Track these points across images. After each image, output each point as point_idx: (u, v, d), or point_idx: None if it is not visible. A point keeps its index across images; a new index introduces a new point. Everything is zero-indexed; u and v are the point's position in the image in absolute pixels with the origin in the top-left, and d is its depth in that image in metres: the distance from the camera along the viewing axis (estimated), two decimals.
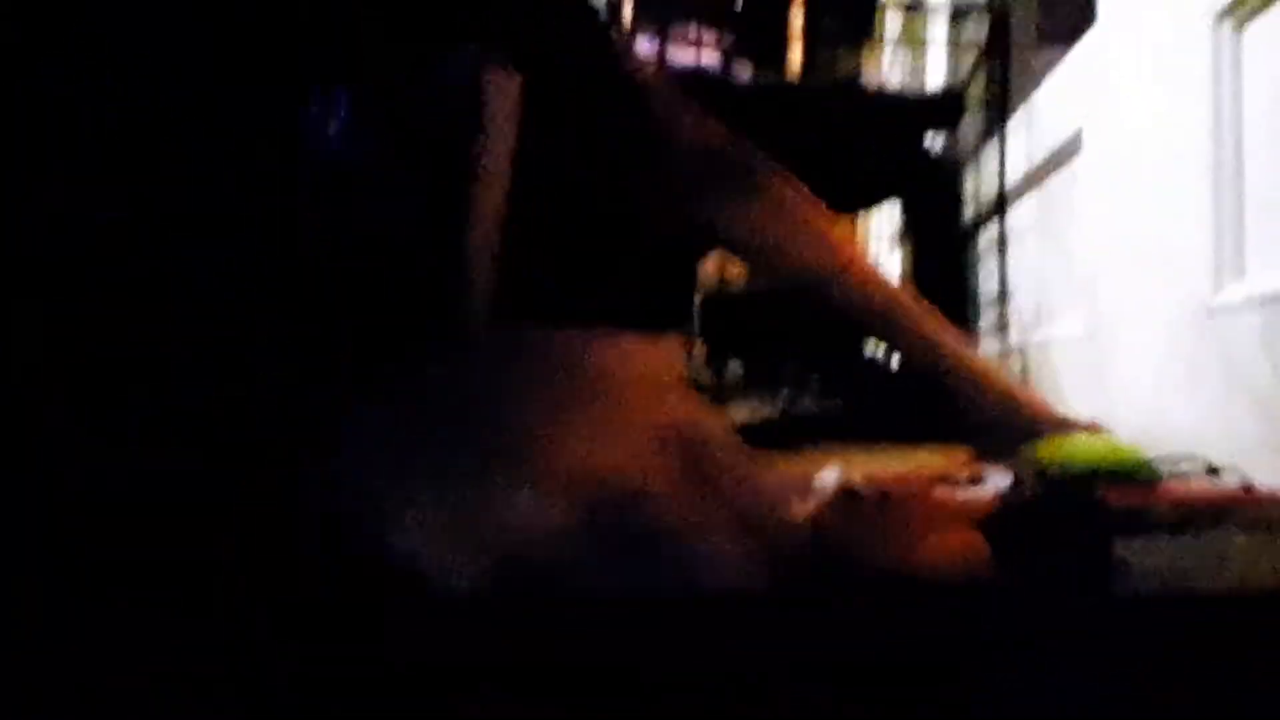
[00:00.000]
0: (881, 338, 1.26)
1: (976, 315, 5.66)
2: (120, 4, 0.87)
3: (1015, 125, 5.56)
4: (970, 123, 5.76)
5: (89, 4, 0.85)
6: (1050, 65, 5.23)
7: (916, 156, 4.12)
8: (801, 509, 1.06)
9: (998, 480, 1.04)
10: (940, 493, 1.04)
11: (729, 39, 6.72)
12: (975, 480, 1.05)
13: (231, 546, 0.83)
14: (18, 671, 0.78)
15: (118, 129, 0.86)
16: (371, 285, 0.94)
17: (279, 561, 0.84)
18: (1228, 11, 3.22)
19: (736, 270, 5.28)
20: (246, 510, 0.85)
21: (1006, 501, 1.00)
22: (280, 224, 0.91)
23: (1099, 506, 1.03)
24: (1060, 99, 4.98)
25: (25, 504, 0.85)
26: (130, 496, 0.83)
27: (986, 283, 5.60)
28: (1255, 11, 3.11)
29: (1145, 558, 1.05)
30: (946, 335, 1.20)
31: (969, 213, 5.78)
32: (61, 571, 0.83)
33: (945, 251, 5.12)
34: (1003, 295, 5.42)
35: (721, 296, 5.01)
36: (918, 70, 7.22)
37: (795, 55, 7.31)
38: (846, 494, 1.05)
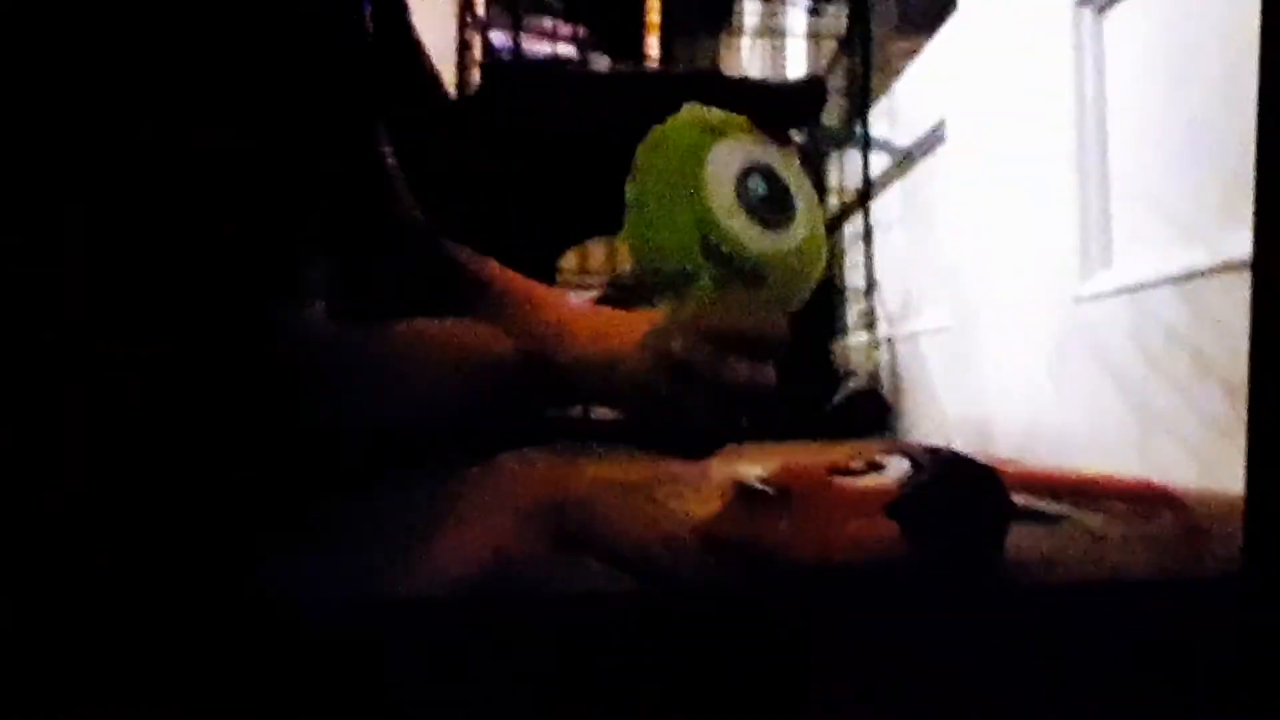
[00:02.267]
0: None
1: (844, 308, 5.69)
2: None
3: (878, 115, 5.60)
4: (832, 113, 5.80)
5: None
6: (911, 54, 5.27)
7: None
8: (694, 515, 1.05)
9: (895, 465, 1.04)
10: (842, 483, 1.04)
11: (585, 31, 6.71)
12: (873, 467, 1.05)
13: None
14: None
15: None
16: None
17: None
18: None
19: (598, 264, 5.28)
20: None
21: (910, 484, 1.00)
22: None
23: (997, 482, 1.05)
24: (922, 88, 5.02)
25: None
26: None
27: (852, 275, 5.64)
28: None
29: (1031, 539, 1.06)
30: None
31: (833, 205, 5.82)
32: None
33: None
34: (869, 288, 5.46)
35: (583, 291, 5.00)
36: (778, 61, 7.25)
37: (653, 47, 7.31)
38: (744, 492, 1.04)
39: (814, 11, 6.10)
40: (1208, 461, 2.58)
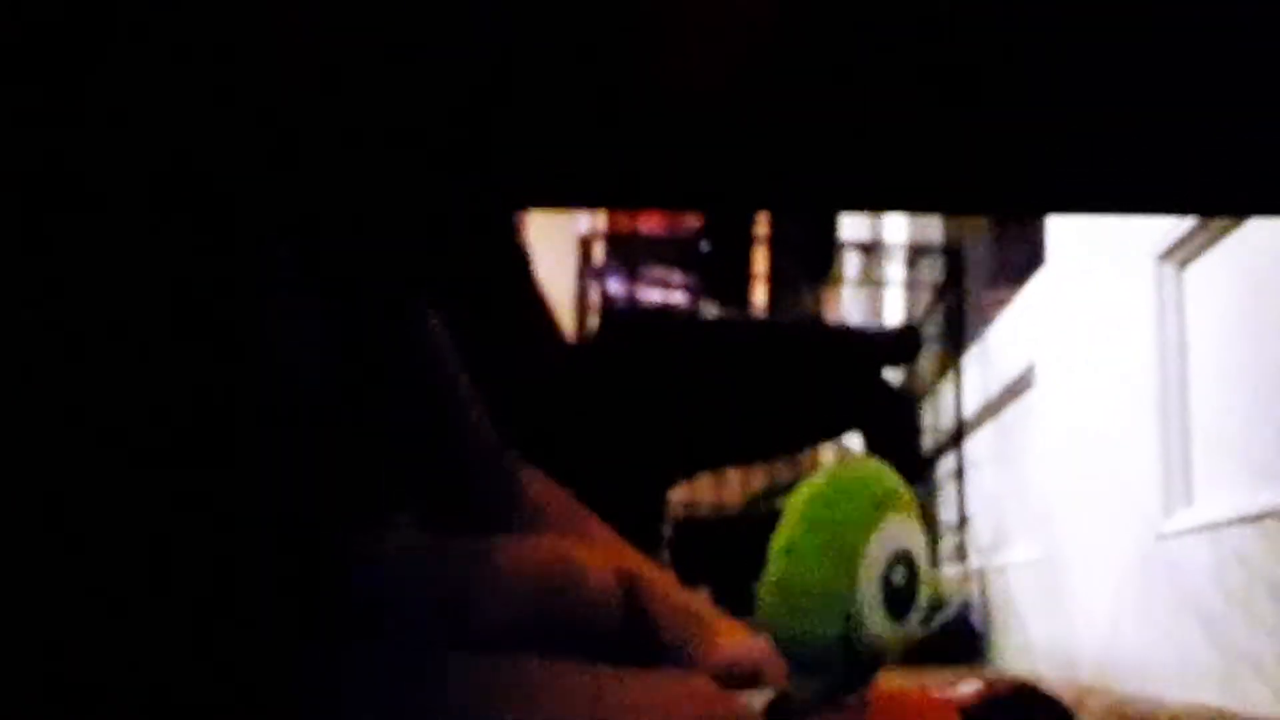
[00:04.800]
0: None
1: (937, 541, 5.67)
2: None
3: (970, 360, 5.63)
4: (927, 358, 5.83)
5: None
6: (1003, 303, 5.31)
7: (876, 390, 4.18)
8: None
9: (970, 684, 1.06)
10: (922, 691, 1.06)
11: (695, 279, 6.82)
12: (950, 684, 1.07)
13: None
14: None
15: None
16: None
17: None
18: (1170, 252, 3.30)
19: (707, 497, 5.30)
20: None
21: (988, 695, 1.02)
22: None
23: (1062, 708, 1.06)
24: (1013, 335, 5.05)
25: None
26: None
27: (946, 510, 5.63)
28: (1197, 252, 3.19)
29: None
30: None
31: (928, 443, 5.83)
32: None
33: (905, 481, 5.14)
34: (962, 522, 5.45)
35: (692, 523, 5.02)
36: (876, 308, 7.32)
37: (759, 295, 7.40)
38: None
39: (911, 263, 6.17)
40: None
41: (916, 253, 6.13)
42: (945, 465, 5.70)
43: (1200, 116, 0.98)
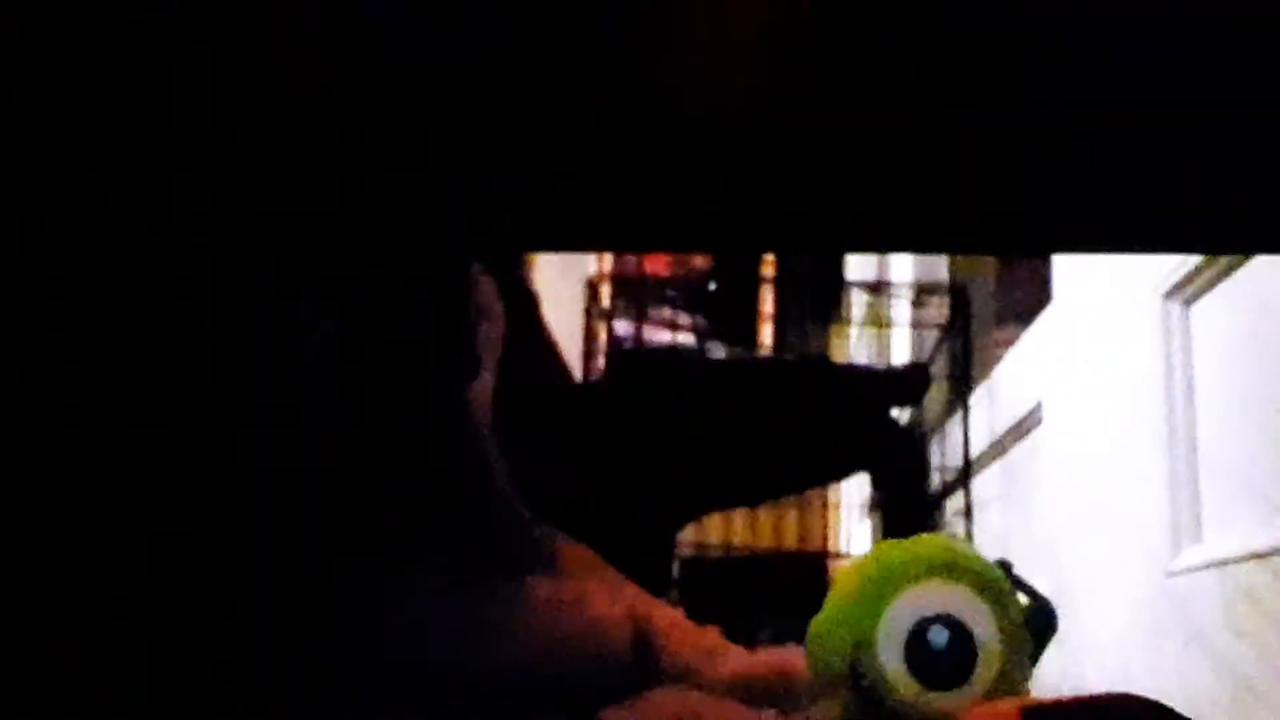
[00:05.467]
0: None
1: None
2: None
3: (978, 399, 5.62)
4: (935, 397, 5.82)
5: None
6: (1010, 342, 5.30)
7: (883, 430, 4.19)
8: None
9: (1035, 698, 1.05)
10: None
11: (703, 321, 6.82)
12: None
13: None
14: None
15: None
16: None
17: None
18: (1176, 290, 3.29)
19: (715, 536, 5.29)
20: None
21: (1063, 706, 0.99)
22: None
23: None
24: (1020, 373, 5.04)
25: None
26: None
27: None
28: (1203, 290, 3.18)
29: None
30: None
31: (935, 482, 5.81)
32: None
33: (914, 520, 5.13)
34: None
35: (700, 562, 5.00)
36: (883, 348, 7.30)
37: (766, 335, 7.40)
38: None
39: (917, 303, 6.17)
40: None
41: (923, 292, 6.12)
42: (953, 504, 5.68)
43: (1205, 152, 0.97)
